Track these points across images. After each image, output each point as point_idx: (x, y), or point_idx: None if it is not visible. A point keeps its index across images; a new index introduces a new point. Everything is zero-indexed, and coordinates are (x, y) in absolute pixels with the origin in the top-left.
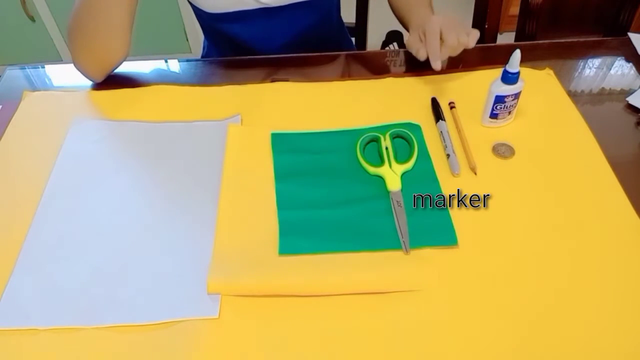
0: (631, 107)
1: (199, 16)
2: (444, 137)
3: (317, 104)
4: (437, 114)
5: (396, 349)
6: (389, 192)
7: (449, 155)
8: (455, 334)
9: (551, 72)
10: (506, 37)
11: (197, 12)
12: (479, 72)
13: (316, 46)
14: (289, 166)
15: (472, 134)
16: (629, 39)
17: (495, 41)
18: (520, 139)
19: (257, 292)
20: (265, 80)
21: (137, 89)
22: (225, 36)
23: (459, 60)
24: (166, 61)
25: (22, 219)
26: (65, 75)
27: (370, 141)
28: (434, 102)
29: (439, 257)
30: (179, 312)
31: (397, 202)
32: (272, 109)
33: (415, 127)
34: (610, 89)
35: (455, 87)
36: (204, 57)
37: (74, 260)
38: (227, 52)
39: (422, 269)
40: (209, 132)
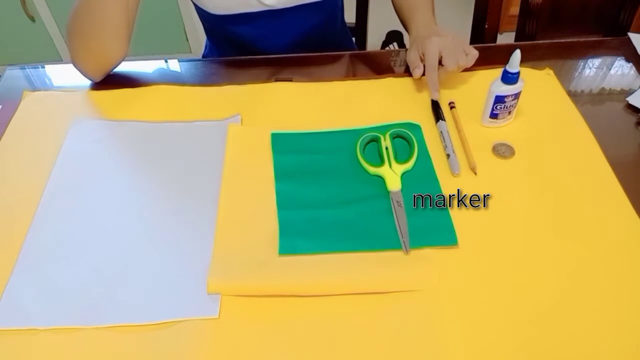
0: (631, 107)
1: (203, 17)
2: (444, 137)
3: (316, 104)
4: (437, 114)
5: (396, 349)
6: (389, 192)
7: (449, 155)
8: (455, 334)
9: (551, 72)
10: (506, 37)
11: (201, 13)
12: (479, 72)
13: (319, 47)
14: (289, 166)
15: (472, 134)
16: (629, 39)
17: (495, 41)
18: (520, 139)
19: (257, 292)
20: (265, 80)
21: (137, 88)
22: (228, 37)
23: None
24: (166, 61)
25: (22, 219)
26: (65, 75)
27: (370, 141)
28: (434, 102)
29: (439, 257)
30: (179, 312)
31: (397, 202)
32: (272, 109)
33: (415, 127)
34: (610, 89)
35: (455, 87)
36: (204, 57)
37: (74, 260)
38: (230, 53)
39: (422, 269)
40: (209, 132)
